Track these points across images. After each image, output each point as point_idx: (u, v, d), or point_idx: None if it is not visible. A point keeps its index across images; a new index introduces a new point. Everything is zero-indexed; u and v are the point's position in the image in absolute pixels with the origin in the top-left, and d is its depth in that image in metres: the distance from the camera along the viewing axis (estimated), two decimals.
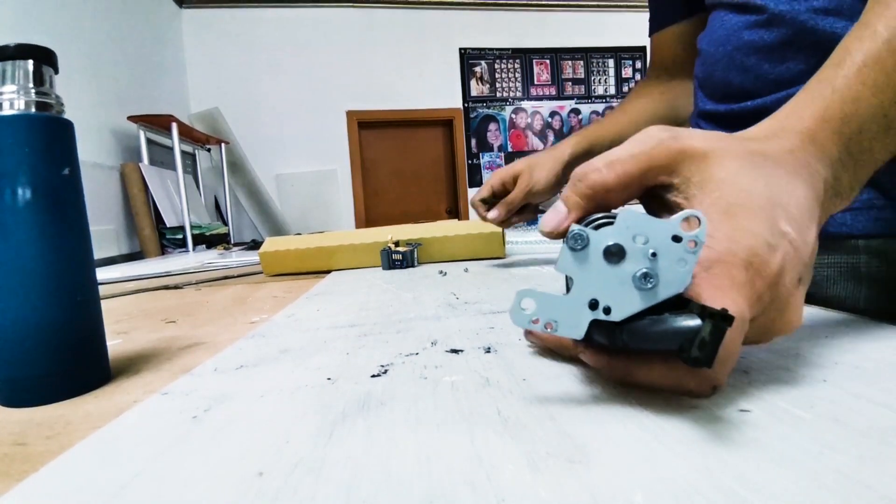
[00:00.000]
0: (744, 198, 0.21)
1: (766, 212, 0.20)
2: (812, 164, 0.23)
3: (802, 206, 0.21)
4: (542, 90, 4.25)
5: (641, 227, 0.19)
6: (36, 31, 1.83)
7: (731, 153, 0.22)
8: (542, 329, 0.20)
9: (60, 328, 0.26)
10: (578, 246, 0.19)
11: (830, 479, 0.14)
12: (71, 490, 0.16)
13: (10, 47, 0.26)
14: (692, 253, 0.19)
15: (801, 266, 0.21)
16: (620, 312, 0.19)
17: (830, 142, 0.23)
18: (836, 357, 0.24)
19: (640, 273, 0.19)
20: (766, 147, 0.23)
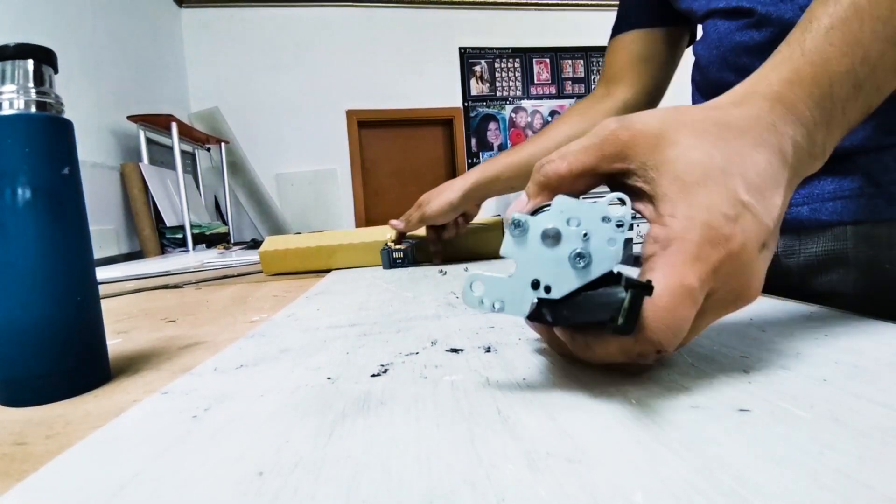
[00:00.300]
0: (698, 173, 0.21)
1: (722, 184, 0.21)
2: (779, 127, 0.23)
3: (765, 173, 0.22)
4: (542, 89, 4.24)
5: (574, 211, 0.21)
6: (36, 31, 1.83)
7: (686, 128, 0.22)
8: (491, 309, 0.21)
9: (60, 328, 0.26)
10: (517, 231, 0.21)
11: (830, 479, 0.14)
12: (71, 490, 0.16)
13: (10, 47, 0.26)
14: (619, 231, 0.20)
15: (764, 233, 0.21)
16: (559, 290, 0.21)
17: (801, 103, 0.23)
18: (836, 357, 0.24)
19: (573, 253, 0.20)
20: (729, 115, 0.23)
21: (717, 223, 0.20)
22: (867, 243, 0.42)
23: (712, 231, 0.20)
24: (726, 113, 0.23)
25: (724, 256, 0.20)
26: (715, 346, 0.27)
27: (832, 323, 0.30)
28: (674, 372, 0.23)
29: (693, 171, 0.21)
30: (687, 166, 0.21)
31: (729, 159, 0.21)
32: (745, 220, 0.21)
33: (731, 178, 0.21)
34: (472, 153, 4.16)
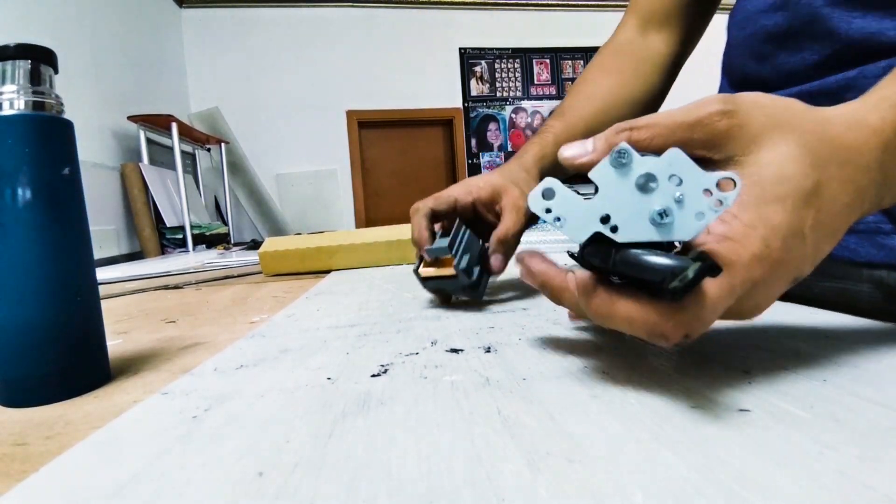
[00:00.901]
0: (784, 189, 0.20)
1: (798, 210, 0.20)
2: (873, 172, 0.22)
3: (837, 217, 0.21)
4: (542, 90, 4.25)
5: (682, 170, 0.19)
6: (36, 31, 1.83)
7: (794, 133, 0.21)
8: (552, 221, 0.20)
9: (60, 328, 0.26)
10: (620, 162, 0.20)
11: (830, 479, 0.14)
12: (71, 490, 0.16)
13: (10, 47, 0.26)
14: (714, 211, 0.19)
15: (803, 270, 0.21)
16: (626, 235, 0.20)
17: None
18: (836, 357, 0.24)
19: (659, 208, 0.19)
20: (842, 137, 0.21)
21: (774, 244, 0.20)
22: (883, 292, 0.38)
23: (767, 249, 0.19)
24: (840, 133, 0.22)
25: (764, 275, 0.20)
26: (715, 346, 0.27)
27: (833, 324, 0.30)
28: (674, 372, 0.23)
29: (780, 186, 0.20)
30: (776, 177, 0.20)
31: (819, 187, 0.20)
32: (797, 251, 0.20)
33: (808, 209, 0.20)
34: (472, 153, 4.16)
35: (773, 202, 0.20)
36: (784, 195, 0.20)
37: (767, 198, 0.20)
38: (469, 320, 0.37)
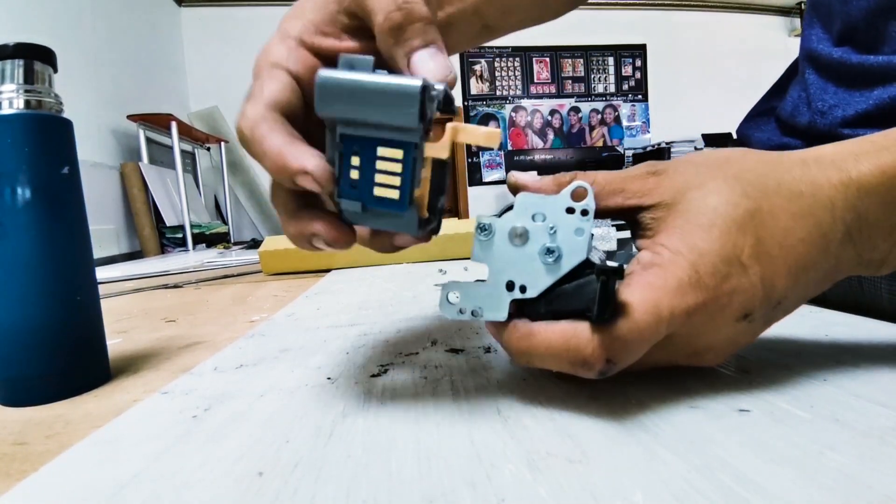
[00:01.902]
0: (708, 217, 0.19)
1: (729, 236, 0.19)
2: (837, 211, 0.20)
3: (792, 249, 0.20)
4: (542, 88, 4.24)
5: (538, 206, 0.20)
6: (36, 30, 1.83)
7: (723, 175, 0.20)
8: (470, 317, 0.21)
9: (60, 328, 0.26)
10: (483, 235, 0.21)
11: (830, 479, 0.14)
12: (71, 490, 0.16)
13: (10, 47, 0.26)
14: (587, 220, 0.20)
15: (752, 304, 0.19)
16: (535, 289, 0.20)
17: (881, 199, 0.20)
18: (836, 357, 0.24)
19: (542, 249, 0.20)
20: (787, 173, 0.20)
21: (703, 270, 0.19)
22: None
23: (696, 275, 0.19)
24: (786, 169, 0.21)
25: (699, 304, 0.19)
26: None
27: (832, 323, 0.30)
28: (674, 372, 0.23)
29: (704, 214, 0.20)
30: (700, 208, 0.20)
31: (755, 216, 0.19)
32: (735, 281, 0.19)
33: (743, 236, 0.19)
34: (472, 153, 4.16)
35: (698, 229, 0.19)
36: (709, 223, 0.19)
37: (692, 226, 0.20)
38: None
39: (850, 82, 0.37)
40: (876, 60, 0.35)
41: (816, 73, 0.41)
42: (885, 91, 0.35)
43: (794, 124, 0.43)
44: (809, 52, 0.42)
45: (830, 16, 0.40)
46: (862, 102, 0.36)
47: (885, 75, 0.35)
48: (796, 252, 0.20)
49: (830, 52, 0.39)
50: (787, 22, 4.42)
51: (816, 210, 0.20)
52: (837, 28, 0.39)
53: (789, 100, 0.44)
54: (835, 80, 0.39)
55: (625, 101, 4.23)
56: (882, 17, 0.35)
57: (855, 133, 0.36)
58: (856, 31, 0.37)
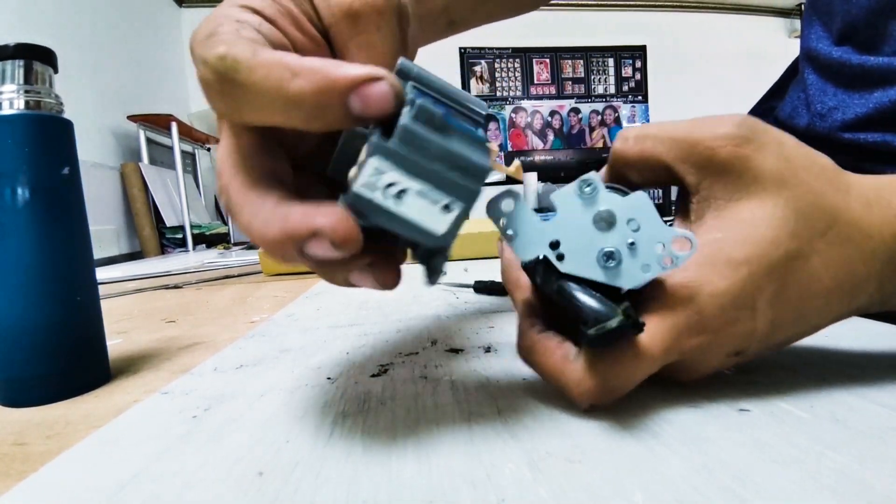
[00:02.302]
0: (742, 252, 0.18)
1: (753, 279, 0.18)
2: (879, 263, 0.19)
3: (811, 299, 0.18)
4: (542, 89, 4.25)
5: (642, 216, 0.18)
6: (36, 31, 1.83)
7: (794, 191, 0.18)
8: (503, 234, 0.19)
9: (60, 328, 0.26)
10: (584, 192, 0.19)
11: (830, 479, 0.14)
12: (71, 490, 0.16)
13: (10, 47, 0.26)
14: (662, 266, 0.18)
15: (751, 345, 0.19)
16: (570, 266, 0.19)
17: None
18: (836, 357, 0.24)
19: (607, 250, 0.19)
20: (852, 210, 0.19)
21: (709, 312, 0.18)
22: None
23: (698, 318, 0.18)
24: (851, 207, 0.19)
25: (694, 346, 0.18)
26: None
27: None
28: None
29: (740, 248, 0.18)
30: (741, 238, 0.18)
31: (791, 260, 0.18)
32: (740, 326, 0.18)
33: (769, 280, 0.18)
34: None
35: (724, 265, 0.18)
36: (741, 260, 0.18)
37: (720, 258, 0.18)
38: (469, 320, 0.37)
39: (850, 83, 0.37)
40: (876, 61, 0.35)
41: (816, 73, 0.41)
42: (885, 94, 0.34)
43: (793, 126, 0.43)
44: (809, 52, 0.41)
45: (831, 14, 0.39)
46: (861, 105, 0.36)
47: (886, 77, 0.34)
48: (814, 303, 0.19)
49: (830, 52, 0.39)
50: (786, 23, 4.43)
51: (856, 261, 0.19)
52: (838, 26, 0.38)
53: (788, 101, 0.44)
54: (834, 80, 0.39)
55: (625, 102, 4.23)
56: (883, 16, 0.34)
57: (855, 137, 0.36)
58: (856, 29, 0.37)
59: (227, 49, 0.14)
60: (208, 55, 0.14)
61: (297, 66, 0.13)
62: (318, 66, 0.13)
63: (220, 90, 0.14)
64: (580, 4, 4.19)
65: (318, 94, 0.13)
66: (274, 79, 0.13)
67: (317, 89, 0.13)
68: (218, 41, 0.14)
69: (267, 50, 0.14)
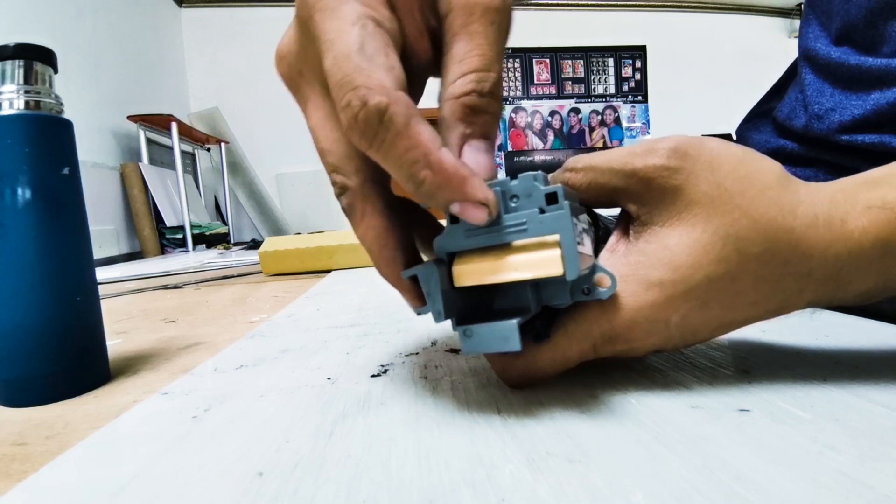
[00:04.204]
0: (658, 276, 0.19)
1: (666, 301, 0.19)
2: (815, 281, 0.19)
3: (730, 310, 0.19)
4: (542, 89, 4.24)
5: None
6: (36, 31, 1.83)
7: (727, 217, 0.18)
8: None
9: (60, 328, 0.26)
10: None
11: (830, 479, 0.14)
12: (71, 490, 0.16)
13: (10, 47, 0.26)
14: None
15: (663, 347, 0.21)
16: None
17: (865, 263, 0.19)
18: (836, 357, 0.24)
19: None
20: (795, 231, 0.19)
21: (621, 328, 0.20)
22: None
23: (611, 332, 0.20)
24: (789, 228, 0.19)
25: (612, 351, 0.21)
26: (715, 347, 0.27)
27: (833, 324, 0.30)
28: (673, 372, 0.23)
29: (665, 266, 0.19)
30: (662, 263, 0.19)
31: (716, 282, 0.19)
32: (654, 337, 0.20)
33: (686, 302, 0.19)
34: None
35: (638, 285, 0.19)
36: (654, 282, 0.19)
37: (645, 270, 0.19)
38: None
39: (847, 84, 0.37)
40: (874, 62, 0.35)
41: (814, 73, 0.40)
42: (883, 95, 0.34)
43: (791, 127, 0.42)
44: (807, 51, 0.41)
45: (830, 14, 0.39)
46: (859, 106, 0.36)
47: (883, 78, 0.34)
48: (737, 315, 0.20)
49: (829, 52, 0.39)
50: (786, 23, 4.43)
51: (787, 279, 0.19)
52: (837, 26, 0.38)
53: (787, 101, 0.44)
54: (832, 80, 0.39)
55: (625, 102, 4.23)
56: (882, 17, 0.34)
57: (852, 139, 0.36)
58: (855, 30, 0.37)
59: (388, 105, 0.15)
60: (369, 100, 0.15)
61: (434, 161, 0.16)
62: (449, 170, 0.16)
63: (363, 130, 0.16)
64: (580, 4, 4.19)
65: (434, 188, 0.16)
66: (410, 158, 0.16)
67: (435, 187, 0.16)
68: (376, 83, 0.15)
69: (418, 122, 0.16)
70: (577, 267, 0.17)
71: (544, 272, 0.17)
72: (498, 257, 0.18)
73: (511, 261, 0.18)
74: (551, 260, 0.17)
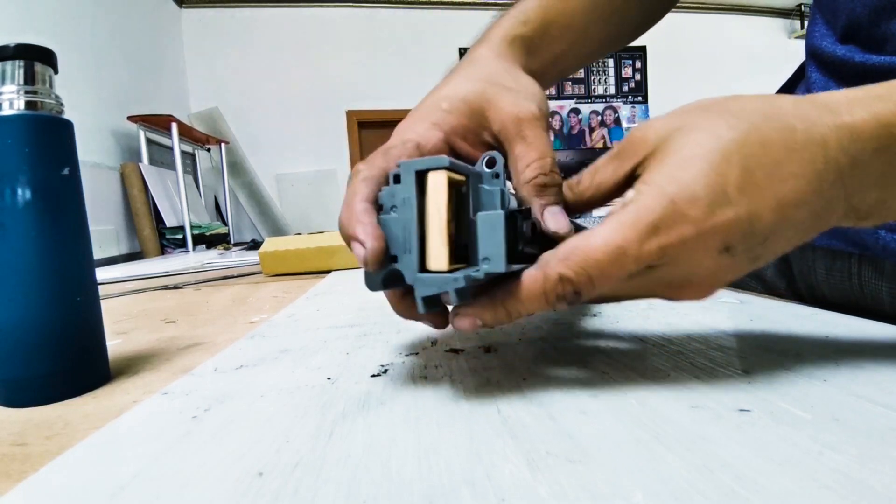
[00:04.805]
0: (690, 149, 0.19)
1: (712, 166, 0.18)
2: (830, 151, 0.19)
3: (781, 184, 0.19)
4: None
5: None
6: (36, 31, 1.83)
7: (712, 114, 0.20)
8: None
9: (60, 328, 0.26)
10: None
11: (830, 479, 0.14)
12: (71, 490, 0.16)
13: (10, 47, 0.26)
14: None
15: (733, 237, 0.19)
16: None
17: (876, 144, 0.19)
18: (836, 357, 0.24)
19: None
20: (780, 109, 0.20)
21: (682, 201, 0.18)
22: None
23: (674, 207, 0.18)
24: (776, 105, 0.20)
25: (677, 239, 0.18)
26: (715, 347, 0.27)
27: (833, 324, 0.30)
28: (674, 372, 0.23)
29: (686, 147, 0.19)
30: (683, 143, 0.19)
31: (742, 146, 0.19)
32: (719, 213, 0.18)
33: (729, 166, 0.18)
34: None
35: (679, 161, 0.19)
36: (691, 154, 0.19)
37: (674, 159, 0.19)
38: None
39: (852, 81, 0.37)
40: (879, 60, 0.35)
41: (819, 71, 0.40)
42: None
43: None
44: (813, 50, 0.41)
45: (835, 12, 0.39)
46: None
47: (887, 76, 0.34)
48: (786, 186, 0.19)
49: (834, 50, 0.39)
50: (786, 24, 4.43)
51: (809, 146, 0.19)
52: (842, 24, 0.38)
53: None
54: (837, 78, 0.39)
55: (625, 102, 4.23)
56: (886, 16, 0.34)
57: None
58: (860, 28, 0.37)
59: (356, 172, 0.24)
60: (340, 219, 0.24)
61: (349, 206, 0.23)
62: (353, 216, 0.23)
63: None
64: None
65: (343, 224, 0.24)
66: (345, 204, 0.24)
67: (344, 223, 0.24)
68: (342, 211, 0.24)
69: (361, 198, 0.23)
70: None
71: None
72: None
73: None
74: None
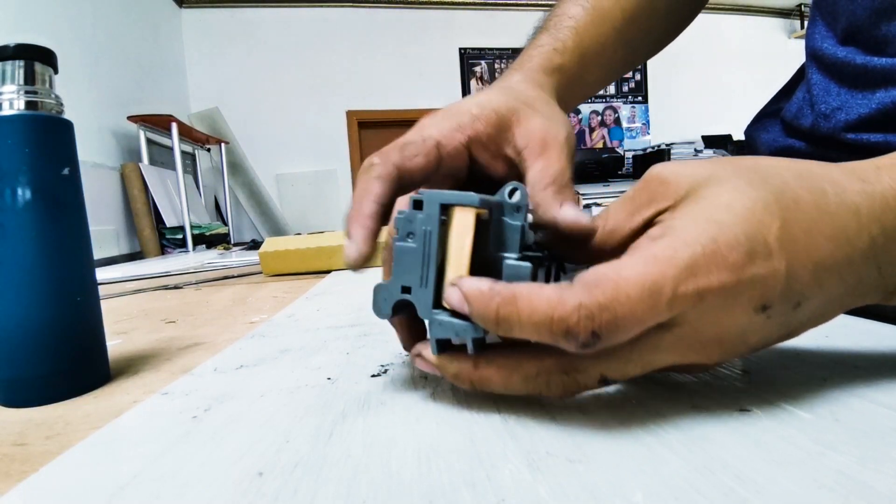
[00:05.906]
0: (728, 199, 0.17)
1: (754, 215, 0.17)
2: (863, 219, 0.18)
3: (816, 246, 0.17)
4: None
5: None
6: (36, 31, 1.83)
7: (747, 171, 0.18)
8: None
9: (60, 328, 0.26)
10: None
11: (830, 479, 0.14)
12: (71, 490, 0.16)
13: (10, 47, 0.26)
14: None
15: (772, 294, 0.17)
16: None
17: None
18: (836, 357, 0.24)
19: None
20: (817, 171, 0.19)
21: (725, 243, 0.16)
22: None
23: (715, 247, 0.16)
24: (805, 168, 0.19)
25: (717, 284, 0.16)
26: None
27: (832, 323, 0.30)
28: (674, 372, 0.23)
29: (724, 195, 0.17)
30: (719, 191, 0.18)
31: (779, 199, 0.17)
32: (760, 264, 0.16)
33: (770, 216, 0.17)
34: None
35: (717, 207, 0.17)
36: (729, 202, 0.17)
37: (711, 205, 0.17)
38: None
39: (853, 82, 0.37)
40: (879, 62, 0.35)
41: (820, 73, 0.40)
42: (888, 94, 0.34)
43: (798, 126, 0.43)
44: (814, 51, 0.41)
45: (835, 14, 0.39)
46: (864, 105, 0.36)
47: (888, 77, 0.34)
48: (821, 249, 0.17)
49: (835, 52, 0.39)
50: (786, 24, 4.43)
51: (842, 210, 0.18)
52: (842, 26, 0.38)
53: (794, 101, 0.44)
54: (838, 79, 0.39)
55: (625, 102, 4.23)
56: (886, 18, 0.34)
57: (858, 138, 0.36)
58: (860, 30, 0.37)
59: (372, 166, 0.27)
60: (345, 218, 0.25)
61: (355, 203, 0.25)
62: (354, 211, 0.25)
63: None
64: None
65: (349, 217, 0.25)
66: (355, 197, 0.25)
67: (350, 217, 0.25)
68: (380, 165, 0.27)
69: (370, 197, 0.25)
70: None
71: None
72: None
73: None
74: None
